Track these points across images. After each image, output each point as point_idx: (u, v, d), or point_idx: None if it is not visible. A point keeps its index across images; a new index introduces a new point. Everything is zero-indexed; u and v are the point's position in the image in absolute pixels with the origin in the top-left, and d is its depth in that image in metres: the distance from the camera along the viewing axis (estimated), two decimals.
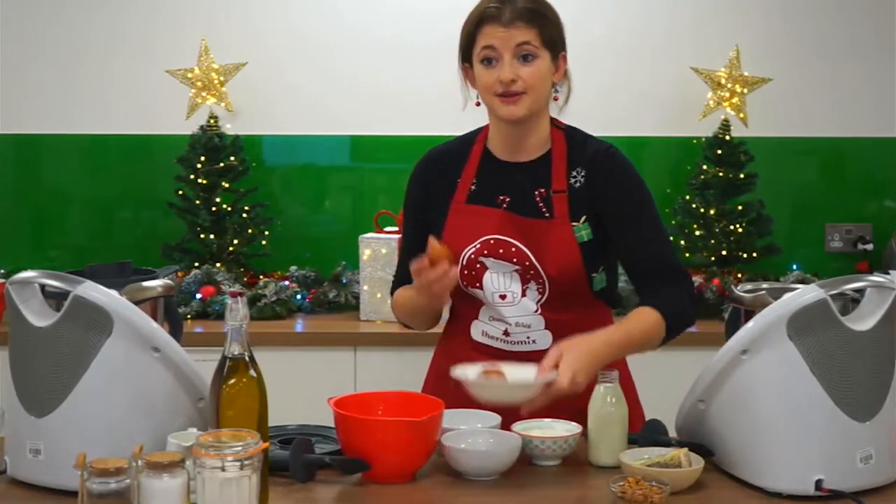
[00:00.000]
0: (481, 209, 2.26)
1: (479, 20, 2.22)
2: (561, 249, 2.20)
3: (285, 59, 3.99)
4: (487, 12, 2.20)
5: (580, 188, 2.24)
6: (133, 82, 3.98)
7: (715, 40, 3.96)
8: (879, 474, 1.90)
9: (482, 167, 2.31)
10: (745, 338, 1.89)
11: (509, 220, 2.23)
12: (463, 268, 2.23)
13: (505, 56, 2.18)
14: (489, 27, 2.20)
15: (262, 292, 3.62)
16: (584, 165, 2.25)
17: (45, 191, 4.06)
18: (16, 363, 1.93)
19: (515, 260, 2.21)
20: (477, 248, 2.23)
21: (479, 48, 2.22)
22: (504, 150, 2.31)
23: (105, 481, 1.59)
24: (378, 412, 2.05)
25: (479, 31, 2.22)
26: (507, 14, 2.18)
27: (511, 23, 2.18)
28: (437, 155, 2.39)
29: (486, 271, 2.22)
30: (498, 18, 2.19)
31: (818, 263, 4.00)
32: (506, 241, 2.22)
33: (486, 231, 2.23)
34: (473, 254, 2.23)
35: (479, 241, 2.23)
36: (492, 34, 2.19)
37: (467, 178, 2.30)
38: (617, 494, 1.78)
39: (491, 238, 2.22)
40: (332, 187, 4.09)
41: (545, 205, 2.23)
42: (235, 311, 1.74)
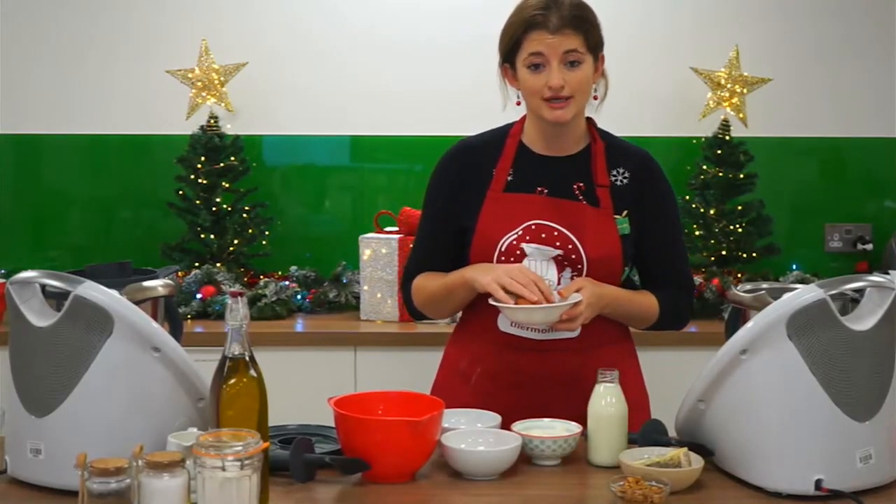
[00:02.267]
0: (521, 196, 2.28)
1: (525, 26, 2.23)
2: (604, 237, 2.25)
3: (285, 59, 3.99)
4: (535, 19, 2.22)
5: (623, 186, 2.31)
6: (133, 82, 3.98)
7: (715, 40, 3.96)
8: (879, 474, 1.90)
9: (518, 159, 2.33)
10: (744, 338, 1.89)
11: (551, 204, 2.27)
12: (501, 254, 2.24)
13: (553, 62, 2.21)
14: (537, 34, 2.22)
15: (262, 292, 3.63)
16: (627, 166, 2.32)
17: (45, 191, 4.06)
18: (16, 363, 1.93)
19: (558, 244, 2.24)
20: (518, 235, 2.25)
21: (525, 54, 2.24)
22: (542, 145, 2.34)
23: (105, 481, 1.60)
24: (378, 412, 2.06)
25: (526, 37, 2.23)
26: (554, 21, 2.20)
27: (559, 30, 2.20)
28: (469, 145, 2.39)
29: (525, 259, 2.23)
30: (546, 26, 2.20)
31: (818, 263, 4.00)
32: (548, 226, 2.25)
33: (527, 217, 2.26)
34: (515, 240, 2.25)
35: (520, 228, 2.25)
36: (540, 41, 2.21)
37: (503, 168, 2.31)
38: (617, 494, 1.78)
39: (532, 223, 2.25)
40: (332, 187, 4.09)
41: (585, 197, 2.28)
42: (235, 311, 1.74)
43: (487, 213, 2.28)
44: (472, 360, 2.34)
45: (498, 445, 2.01)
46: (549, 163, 2.32)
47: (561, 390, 2.25)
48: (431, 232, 2.38)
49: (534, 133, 2.35)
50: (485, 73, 3.99)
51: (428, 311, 2.40)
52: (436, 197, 2.38)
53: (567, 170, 2.31)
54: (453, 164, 2.37)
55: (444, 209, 2.35)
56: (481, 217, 2.28)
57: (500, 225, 2.26)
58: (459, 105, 4.00)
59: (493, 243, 2.25)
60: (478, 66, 3.99)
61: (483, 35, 3.99)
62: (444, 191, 2.36)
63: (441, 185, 2.37)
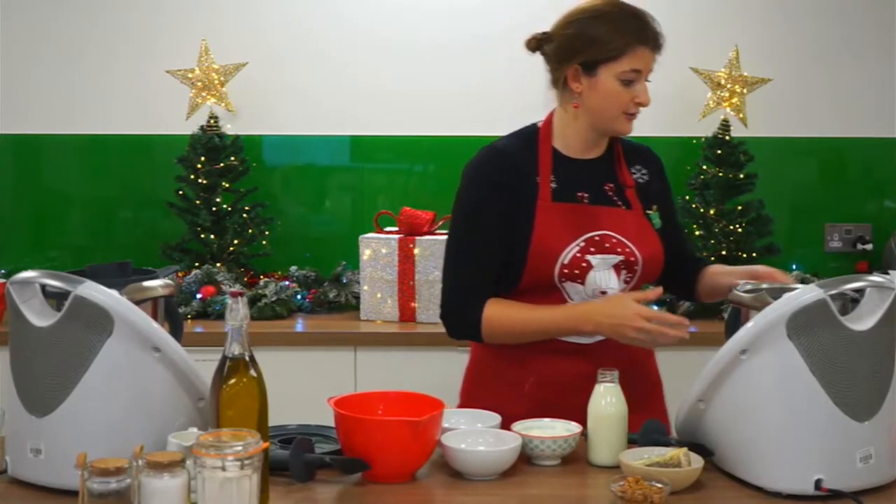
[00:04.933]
0: (571, 206, 2.29)
1: (635, 41, 2.24)
2: (647, 236, 2.32)
3: (285, 59, 3.99)
4: (647, 36, 2.25)
5: (644, 184, 2.39)
6: (133, 82, 3.99)
7: (715, 41, 3.96)
8: (879, 474, 1.90)
9: (557, 166, 2.33)
10: (744, 338, 1.89)
11: (602, 213, 2.29)
12: (564, 267, 2.24)
13: (642, 79, 2.27)
14: (643, 50, 2.25)
15: (262, 292, 3.63)
16: (642, 164, 2.40)
17: (46, 191, 4.06)
18: (16, 363, 1.93)
19: (619, 251, 2.26)
20: (582, 246, 2.25)
21: (624, 67, 2.24)
22: (575, 148, 2.35)
23: (105, 481, 1.60)
24: (378, 412, 2.06)
25: (632, 51, 2.24)
26: (655, 39, 2.26)
27: (656, 49, 2.27)
28: (505, 152, 2.33)
29: (591, 269, 2.25)
30: (653, 43, 2.25)
31: (818, 263, 4.00)
32: (608, 235, 2.28)
33: (586, 227, 2.27)
34: (579, 252, 2.25)
35: (582, 239, 2.26)
36: (643, 58, 2.25)
37: (546, 176, 2.30)
38: (617, 494, 1.78)
39: (595, 234, 2.26)
40: (332, 187, 4.09)
41: (618, 197, 2.33)
42: (236, 311, 1.74)
43: (542, 224, 2.25)
44: (521, 369, 2.30)
45: (498, 445, 2.01)
46: (581, 166, 2.34)
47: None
48: (484, 246, 2.28)
49: (570, 136, 2.34)
50: (484, 73, 4.02)
51: (500, 340, 2.30)
52: (479, 210, 2.29)
53: (597, 172, 2.35)
54: (492, 171, 2.30)
55: (494, 224, 2.27)
56: (536, 229, 2.25)
57: (557, 236, 2.25)
58: (459, 105, 4.00)
59: (553, 256, 2.23)
60: (478, 66, 4.02)
61: (483, 35, 4.02)
62: (491, 203, 2.27)
63: (484, 193, 2.29)
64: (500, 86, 4.01)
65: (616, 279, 2.26)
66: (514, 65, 4.01)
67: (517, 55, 4.02)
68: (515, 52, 4.05)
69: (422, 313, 3.55)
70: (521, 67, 4.03)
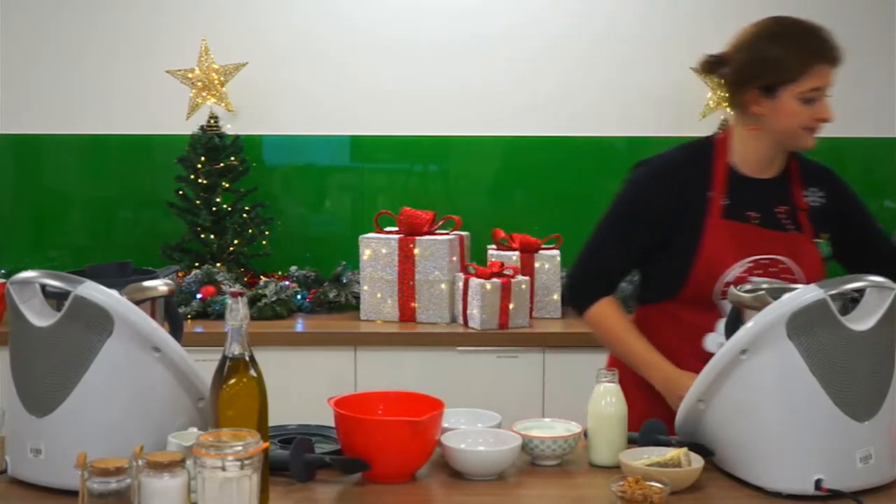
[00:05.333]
0: (742, 226, 2.29)
1: (818, 60, 2.23)
2: (815, 264, 2.30)
3: (285, 59, 3.99)
4: (828, 54, 2.23)
5: (819, 207, 2.35)
6: (133, 82, 3.99)
7: (715, 41, 3.94)
8: (879, 474, 1.90)
9: (731, 183, 2.32)
10: (744, 338, 1.89)
11: (773, 237, 2.28)
12: (726, 285, 2.24)
13: (823, 96, 2.24)
14: (822, 67, 2.23)
15: (262, 292, 3.62)
16: (819, 186, 2.36)
17: (46, 191, 4.06)
18: (16, 363, 1.93)
19: (784, 276, 2.26)
20: (749, 267, 2.26)
21: (805, 87, 2.23)
22: (752, 167, 2.33)
23: (105, 481, 1.60)
24: (378, 412, 2.06)
25: (810, 71, 2.23)
26: (832, 55, 2.23)
27: (835, 65, 2.24)
28: (675, 166, 2.35)
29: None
30: (828, 59, 2.23)
31: None
32: (776, 260, 2.28)
33: (756, 249, 2.27)
34: (744, 272, 2.26)
35: (750, 260, 2.26)
36: (824, 75, 2.24)
37: (719, 192, 2.30)
38: (617, 494, 1.78)
39: (764, 258, 2.27)
40: (332, 187, 4.09)
41: (790, 221, 2.31)
42: (235, 311, 1.74)
43: (711, 240, 2.28)
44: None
45: (498, 445, 2.01)
46: (755, 185, 2.33)
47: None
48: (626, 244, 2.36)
49: (748, 153, 2.33)
50: (484, 73, 4.02)
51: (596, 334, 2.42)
52: (634, 214, 2.35)
53: (770, 192, 2.33)
54: (667, 180, 2.33)
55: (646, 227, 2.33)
56: (705, 244, 2.27)
57: (725, 254, 2.27)
58: (459, 105, 4.00)
59: (718, 272, 2.26)
60: (478, 66, 4.02)
61: (483, 35, 4.03)
62: (653, 211, 2.33)
63: (647, 201, 2.34)
64: (500, 86, 4.01)
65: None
66: (514, 65, 4.04)
67: (517, 55, 4.05)
68: (515, 52, 4.08)
69: (422, 313, 3.55)
70: (521, 68, 4.06)
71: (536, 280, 3.61)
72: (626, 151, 3.95)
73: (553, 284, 3.63)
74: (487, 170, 4.05)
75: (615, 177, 3.98)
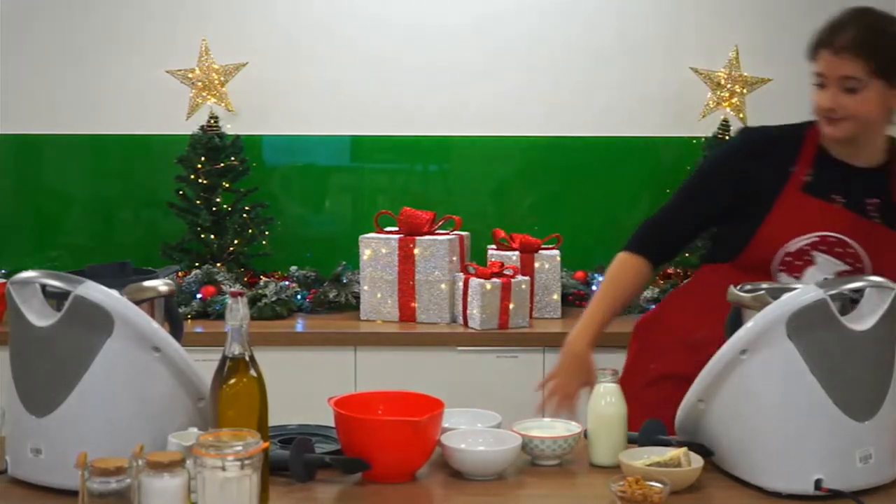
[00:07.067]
0: (819, 203, 2.27)
1: (816, 44, 2.24)
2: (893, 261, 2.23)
3: (285, 59, 3.99)
4: (823, 38, 2.22)
5: None
6: (133, 82, 3.98)
7: (715, 40, 3.96)
8: (879, 474, 1.90)
9: (818, 161, 2.31)
10: (744, 338, 1.89)
11: (850, 219, 2.26)
12: (788, 254, 2.25)
13: (829, 84, 2.21)
14: (823, 52, 2.22)
15: (262, 292, 3.62)
16: None
17: (46, 191, 4.06)
18: (16, 363, 1.93)
19: (849, 261, 2.24)
20: (813, 241, 2.25)
21: (813, 70, 2.24)
22: (839, 151, 2.31)
23: (106, 481, 1.60)
24: (378, 412, 2.06)
25: (817, 54, 2.23)
26: (837, 42, 2.19)
27: (839, 53, 2.19)
28: (769, 135, 2.38)
29: (812, 266, 2.25)
30: (830, 45, 2.20)
31: None
32: (845, 241, 2.25)
33: (826, 226, 2.25)
34: (808, 245, 2.25)
35: (816, 235, 2.25)
36: (823, 61, 2.22)
37: (802, 167, 2.30)
38: (617, 494, 1.78)
39: (832, 235, 2.25)
40: (332, 187, 4.09)
41: (880, 215, 2.28)
42: (235, 311, 1.74)
43: (782, 209, 2.28)
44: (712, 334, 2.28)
45: (498, 445, 2.01)
46: (847, 171, 2.31)
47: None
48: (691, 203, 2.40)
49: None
50: (485, 73, 4.02)
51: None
52: (718, 175, 2.39)
53: (863, 182, 2.30)
54: (755, 146, 2.36)
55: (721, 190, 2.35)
56: (774, 212, 2.28)
57: (793, 225, 2.26)
58: (459, 105, 4.00)
59: (781, 241, 2.26)
60: (478, 66, 4.02)
61: (483, 36, 4.02)
62: (733, 166, 2.35)
63: (731, 166, 2.36)
64: (501, 86, 4.01)
65: None
66: (514, 66, 4.04)
67: (517, 55, 4.05)
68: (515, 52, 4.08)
69: (422, 313, 3.55)
70: (522, 68, 4.06)
71: (536, 280, 3.61)
72: (626, 151, 3.95)
73: (553, 284, 3.62)
74: (487, 170, 4.05)
75: (615, 177, 4.03)
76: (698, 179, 2.44)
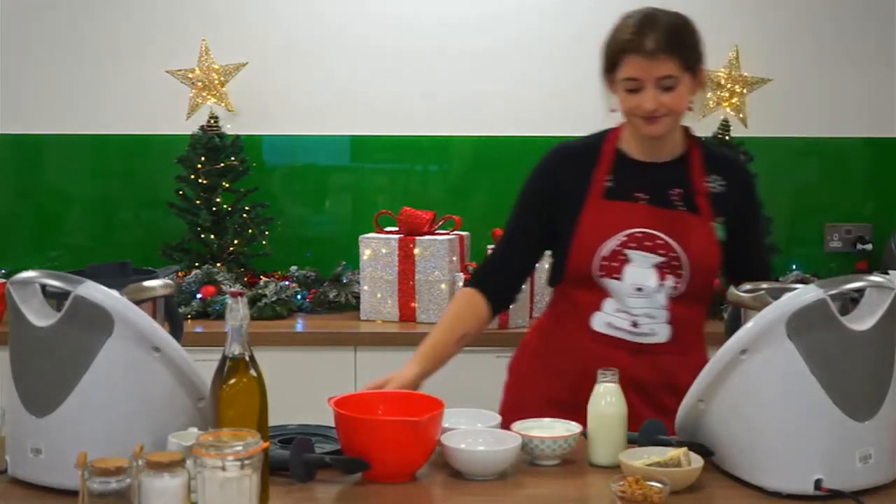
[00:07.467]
0: (622, 204, 2.32)
1: (622, 49, 2.24)
2: (705, 244, 2.31)
3: (285, 59, 3.99)
4: (631, 43, 2.23)
5: (719, 194, 2.36)
6: (133, 82, 3.99)
7: (715, 40, 3.91)
8: (879, 474, 1.90)
9: (617, 166, 2.36)
10: (744, 338, 1.89)
11: (653, 213, 2.31)
12: (603, 259, 2.29)
13: (647, 86, 2.23)
14: (633, 57, 2.23)
15: (262, 292, 3.63)
16: (722, 174, 2.37)
17: (46, 190, 4.06)
18: (16, 363, 1.93)
19: (661, 252, 2.28)
20: (623, 241, 2.29)
21: (621, 76, 2.26)
22: (640, 151, 2.37)
23: (106, 481, 1.60)
24: (378, 412, 2.06)
25: (622, 60, 2.25)
26: (649, 45, 2.21)
27: (653, 55, 2.21)
28: (567, 151, 2.43)
29: (628, 264, 2.28)
30: (640, 50, 2.21)
31: (818, 263, 4.00)
32: (652, 234, 2.29)
33: (631, 224, 2.30)
34: (619, 245, 2.29)
35: (624, 234, 2.29)
36: (635, 66, 2.23)
37: (601, 174, 2.35)
38: (617, 494, 1.78)
39: (637, 231, 2.29)
40: (332, 187, 4.09)
41: (684, 203, 2.33)
42: (235, 310, 1.74)
43: (588, 218, 2.32)
44: (564, 356, 2.37)
45: (498, 445, 2.01)
46: (647, 169, 2.36)
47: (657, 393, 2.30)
48: (516, 231, 2.43)
49: (631, 140, 2.37)
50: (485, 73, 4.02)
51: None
52: (527, 201, 2.42)
53: (664, 176, 2.35)
54: (550, 169, 2.41)
55: (535, 213, 2.39)
56: (582, 222, 2.32)
57: (601, 231, 2.30)
58: (459, 105, 4.00)
59: (593, 248, 2.30)
60: (478, 67, 4.02)
61: (484, 36, 4.02)
62: (540, 195, 2.39)
63: (535, 189, 2.41)
64: (501, 86, 4.01)
65: (655, 279, 2.28)
66: (514, 66, 4.04)
67: (518, 56, 4.05)
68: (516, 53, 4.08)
69: (422, 313, 3.55)
70: (522, 69, 4.06)
71: (536, 280, 3.61)
72: None
73: None
74: (487, 170, 4.05)
75: None
76: (516, 208, 2.45)
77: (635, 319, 2.30)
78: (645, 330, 2.30)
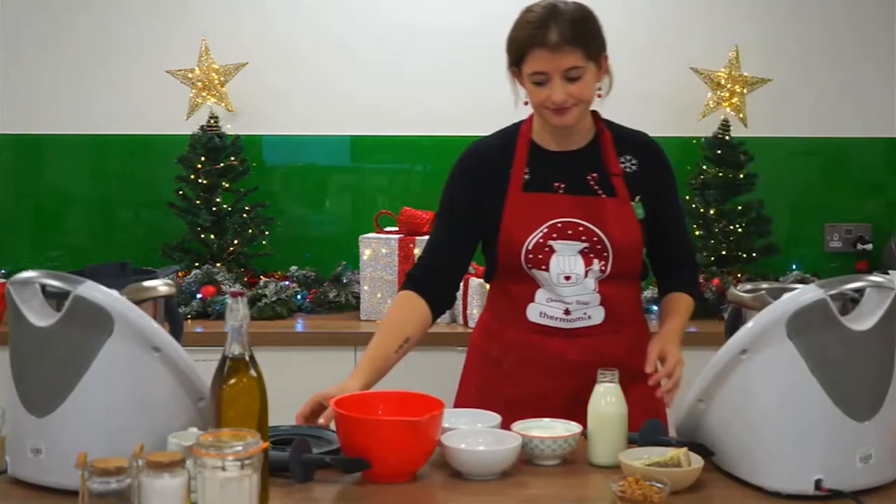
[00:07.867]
0: (541, 196, 2.34)
1: (527, 44, 2.25)
2: (625, 225, 2.33)
3: (285, 59, 3.99)
4: (535, 38, 2.23)
5: (633, 173, 2.38)
6: (133, 82, 3.99)
7: (715, 40, 3.96)
8: (879, 474, 1.90)
9: (532, 158, 2.38)
10: (744, 338, 1.89)
11: (572, 202, 2.33)
12: (528, 252, 2.30)
13: (554, 78, 2.25)
14: (537, 51, 2.24)
15: (262, 292, 3.63)
16: (633, 153, 2.40)
17: (46, 191, 4.06)
18: (16, 363, 1.93)
19: (584, 238, 2.30)
20: (545, 233, 2.31)
21: (528, 70, 2.27)
22: (552, 141, 2.39)
23: (106, 481, 1.60)
24: (378, 412, 2.06)
25: (528, 54, 2.26)
26: (553, 39, 2.22)
27: (558, 48, 2.22)
28: (482, 148, 2.44)
29: (553, 254, 2.30)
30: (545, 44, 2.23)
31: (817, 263, 4.00)
32: (573, 223, 2.31)
33: (552, 215, 2.32)
34: (542, 238, 2.31)
35: (546, 226, 2.31)
36: (540, 60, 2.24)
37: (519, 168, 2.37)
38: (617, 494, 1.78)
39: (558, 221, 2.31)
40: (332, 187, 4.09)
41: (601, 187, 2.35)
42: (235, 310, 1.74)
43: (510, 213, 2.34)
44: (503, 348, 2.39)
45: (498, 445, 2.01)
46: (562, 158, 2.38)
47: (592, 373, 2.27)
48: (443, 234, 2.43)
49: (543, 131, 2.40)
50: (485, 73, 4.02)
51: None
52: (449, 202, 2.43)
53: (579, 163, 2.37)
54: (467, 168, 2.42)
55: (460, 213, 2.40)
56: (504, 218, 2.34)
57: (524, 224, 2.32)
58: (460, 105, 4.00)
59: (519, 243, 2.32)
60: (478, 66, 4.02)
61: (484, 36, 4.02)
62: (460, 195, 2.40)
63: (455, 189, 2.42)
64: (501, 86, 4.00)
65: (581, 265, 2.30)
66: None
67: None
68: None
69: None
70: None
71: None
72: None
73: None
74: None
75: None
76: (442, 211, 2.45)
77: (567, 307, 2.32)
78: (578, 315, 2.32)
